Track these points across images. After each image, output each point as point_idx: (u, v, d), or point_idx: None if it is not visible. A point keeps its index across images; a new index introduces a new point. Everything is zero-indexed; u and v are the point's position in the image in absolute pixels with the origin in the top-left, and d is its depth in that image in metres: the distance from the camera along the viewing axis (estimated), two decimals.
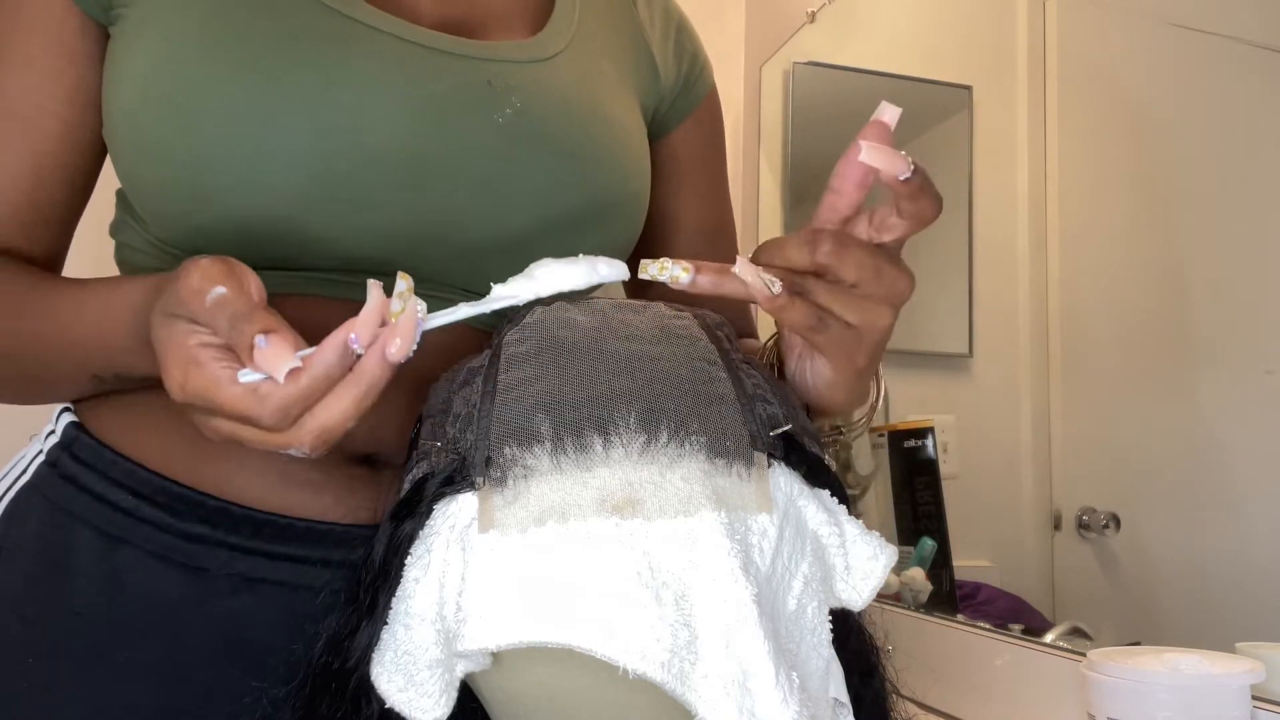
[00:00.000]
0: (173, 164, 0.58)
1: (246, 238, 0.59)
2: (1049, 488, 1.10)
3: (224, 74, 0.57)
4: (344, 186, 0.58)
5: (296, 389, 0.44)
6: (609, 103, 0.70)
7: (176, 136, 0.57)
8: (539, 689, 0.45)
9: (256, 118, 0.57)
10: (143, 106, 0.58)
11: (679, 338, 0.49)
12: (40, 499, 0.61)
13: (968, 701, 0.97)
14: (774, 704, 0.40)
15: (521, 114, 0.63)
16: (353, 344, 0.44)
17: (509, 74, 0.64)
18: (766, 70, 1.68)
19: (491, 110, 0.62)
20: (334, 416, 0.45)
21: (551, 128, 0.64)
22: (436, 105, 0.61)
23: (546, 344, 0.47)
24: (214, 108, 0.57)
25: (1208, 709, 0.62)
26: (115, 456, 0.61)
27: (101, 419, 0.63)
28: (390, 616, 0.46)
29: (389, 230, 0.60)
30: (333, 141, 0.58)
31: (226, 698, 0.56)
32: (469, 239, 0.62)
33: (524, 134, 0.63)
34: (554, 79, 0.66)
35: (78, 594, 0.58)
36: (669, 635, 0.40)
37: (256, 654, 0.57)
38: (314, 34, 0.60)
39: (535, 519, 0.42)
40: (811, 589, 0.46)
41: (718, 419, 0.45)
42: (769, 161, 1.66)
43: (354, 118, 0.58)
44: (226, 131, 0.57)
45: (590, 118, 0.67)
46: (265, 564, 0.59)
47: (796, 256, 0.50)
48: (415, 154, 0.60)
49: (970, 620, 1.07)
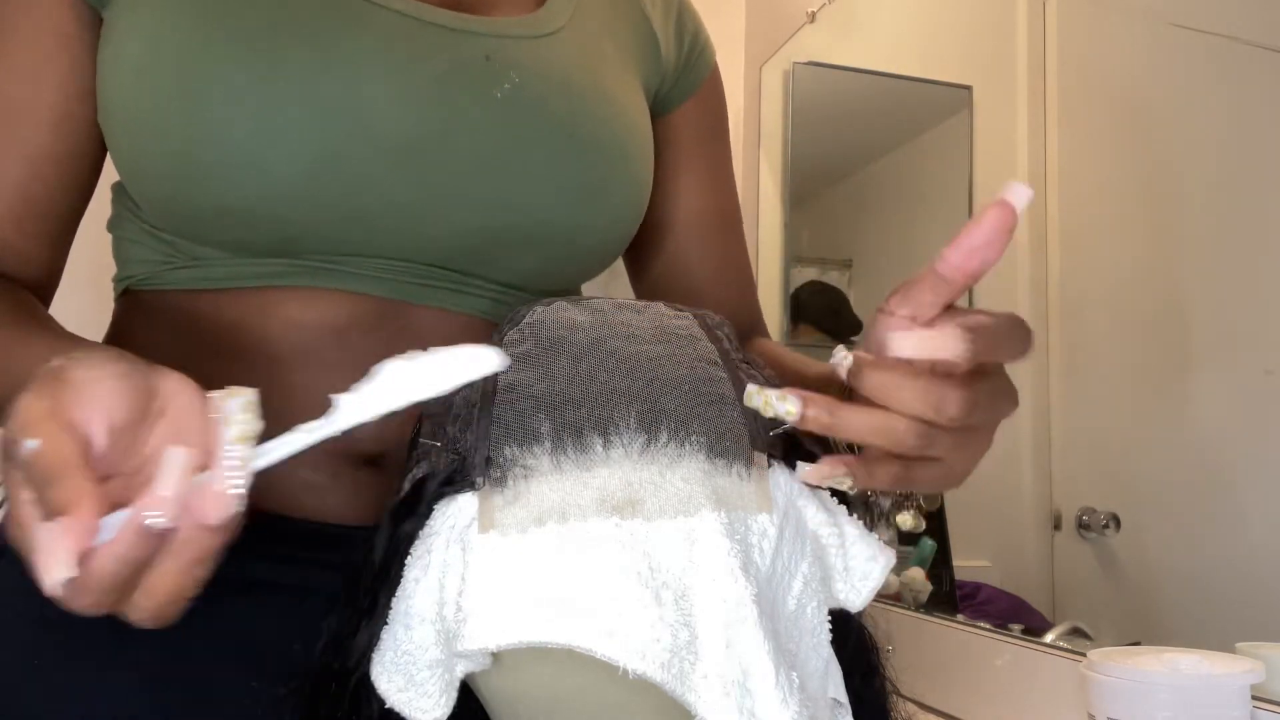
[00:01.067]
0: (170, 143, 0.57)
1: (244, 220, 0.58)
2: (1049, 488, 1.10)
3: (221, 52, 0.56)
4: (343, 165, 0.58)
5: (98, 589, 0.38)
6: (610, 81, 0.68)
7: (174, 115, 0.56)
8: (539, 689, 0.45)
9: (254, 96, 0.56)
10: (139, 85, 0.57)
11: (679, 338, 0.49)
12: None
13: (968, 701, 0.97)
14: (774, 704, 0.40)
15: (520, 89, 0.62)
16: (148, 522, 0.37)
17: (508, 49, 0.63)
18: (766, 70, 1.68)
19: (490, 86, 0.61)
20: (165, 594, 0.39)
21: (551, 104, 0.63)
22: (435, 81, 0.60)
23: (546, 344, 0.47)
24: (211, 86, 0.56)
25: (1208, 709, 0.62)
26: None
27: None
28: (390, 616, 0.46)
29: (389, 210, 0.59)
30: (331, 120, 0.57)
31: (231, 702, 0.55)
32: (470, 218, 0.61)
33: (523, 110, 0.62)
34: (554, 56, 0.65)
35: None
36: (669, 635, 0.40)
37: (261, 657, 0.57)
38: (312, 11, 0.59)
39: (535, 519, 0.42)
40: (811, 589, 0.46)
41: (718, 419, 0.45)
42: (769, 161, 1.66)
43: (353, 96, 0.58)
44: (224, 110, 0.56)
45: (591, 95, 0.65)
46: (271, 567, 0.59)
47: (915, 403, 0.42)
48: (414, 131, 0.59)
49: (970, 620, 1.07)
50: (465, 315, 0.64)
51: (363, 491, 0.60)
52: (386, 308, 0.61)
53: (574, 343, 0.47)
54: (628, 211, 0.68)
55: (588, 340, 0.47)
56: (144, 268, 0.64)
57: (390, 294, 0.61)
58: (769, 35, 1.67)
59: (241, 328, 0.60)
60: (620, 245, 0.70)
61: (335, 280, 0.61)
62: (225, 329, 0.61)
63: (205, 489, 0.38)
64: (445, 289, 0.63)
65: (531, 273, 0.66)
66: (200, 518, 0.38)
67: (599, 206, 0.65)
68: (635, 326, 0.49)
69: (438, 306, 0.63)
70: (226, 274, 0.61)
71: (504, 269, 0.64)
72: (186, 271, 0.62)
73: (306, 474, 0.59)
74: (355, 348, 0.60)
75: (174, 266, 0.62)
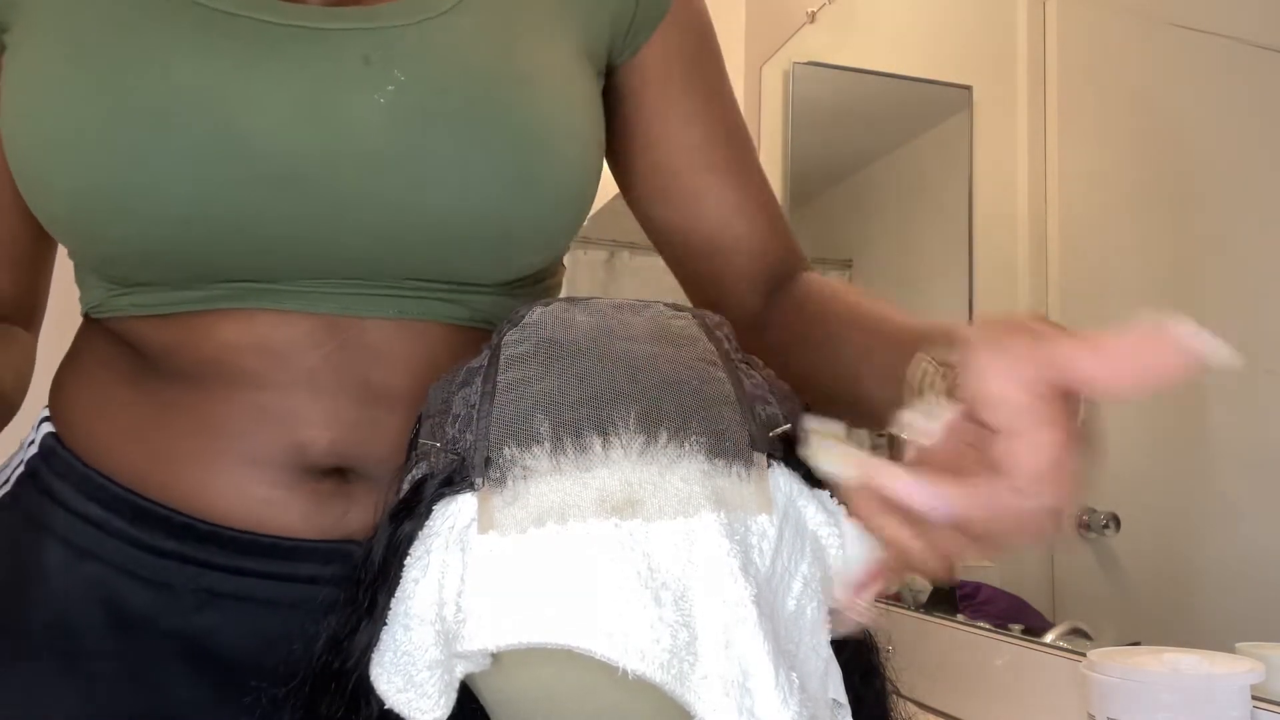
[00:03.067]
0: (53, 200, 0.55)
1: (150, 261, 0.57)
2: None
3: (74, 93, 0.53)
4: (227, 197, 0.54)
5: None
6: (522, 58, 0.60)
7: (51, 172, 0.54)
8: (538, 689, 0.45)
9: (116, 139, 0.53)
10: (18, 135, 0.55)
11: (679, 338, 0.49)
12: (18, 511, 0.61)
13: (968, 701, 0.97)
14: (774, 704, 0.40)
15: (408, 88, 0.55)
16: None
17: (390, 44, 0.56)
18: (766, 70, 1.68)
19: (371, 92, 0.55)
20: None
21: (448, 97, 0.56)
22: (310, 93, 0.54)
23: (546, 344, 0.47)
24: (74, 135, 0.53)
25: (1208, 709, 0.62)
26: (88, 470, 0.60)
27: (77, 430, 0.62)
28: (390, 617, 0.46)
29: (294, 234, 0.56)
30: (204, 158, 0.53)
31: (195, 712, 0.56)
32: (385, 227, 0.57)
33: (413, 111, 0.55)
34: (447, 40, 0.58)
35: (46, 607, 0.58)
36: (668, 636, 0.40)
37: (223, 669, 0.57)
38: (159, 36, 0.54)
39: (535, 519, 0.42)
40: (811, 589, 0.46)
41: (717, 419, 0.45)
42: (769, 161, 1.66)
43: (221, 129, 0.53)
44: (97, 160, 0.53)
45: (496, 78, 0.58)
46: (231, 580, 0.58)
47: None
48: (294, 156, 0.54)
49: (970, 620, 1.07)
50: (419, 321, 0.61)
51: (324, 504, 0.59)
52: (333, 323, 0.59)
53: (573, 343, 0.47)
54: (562, 194, 0.60)
55: (587, 340, 0.47)
56: (94, 295, 0.63)
57: (336, 309, 0.59)
58: (769, 35, 1.67)
59: (189, 351, 0.59)
60: (569, 228, 0.63)
61: (275, 300, 0.58)
62: (173, 352, 0.60)
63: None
64: (390, 296, 0.59)
65: (476, 270, 0.61)
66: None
67: (526, 196, 0.58)
68: (635, 326, 0.49)
69: (388, 316, 0.60)
70: (164, 300, 0.59)
71: (443, 269, 0.60)
72: (128, 298, 0.60)
73: (266, 488, 0.58)
74: (307, 365, 0.59)
75: (116, 294, 0.61)
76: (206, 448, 0.59)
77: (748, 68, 1.72)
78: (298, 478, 0.59)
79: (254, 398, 0.58)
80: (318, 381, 0.59)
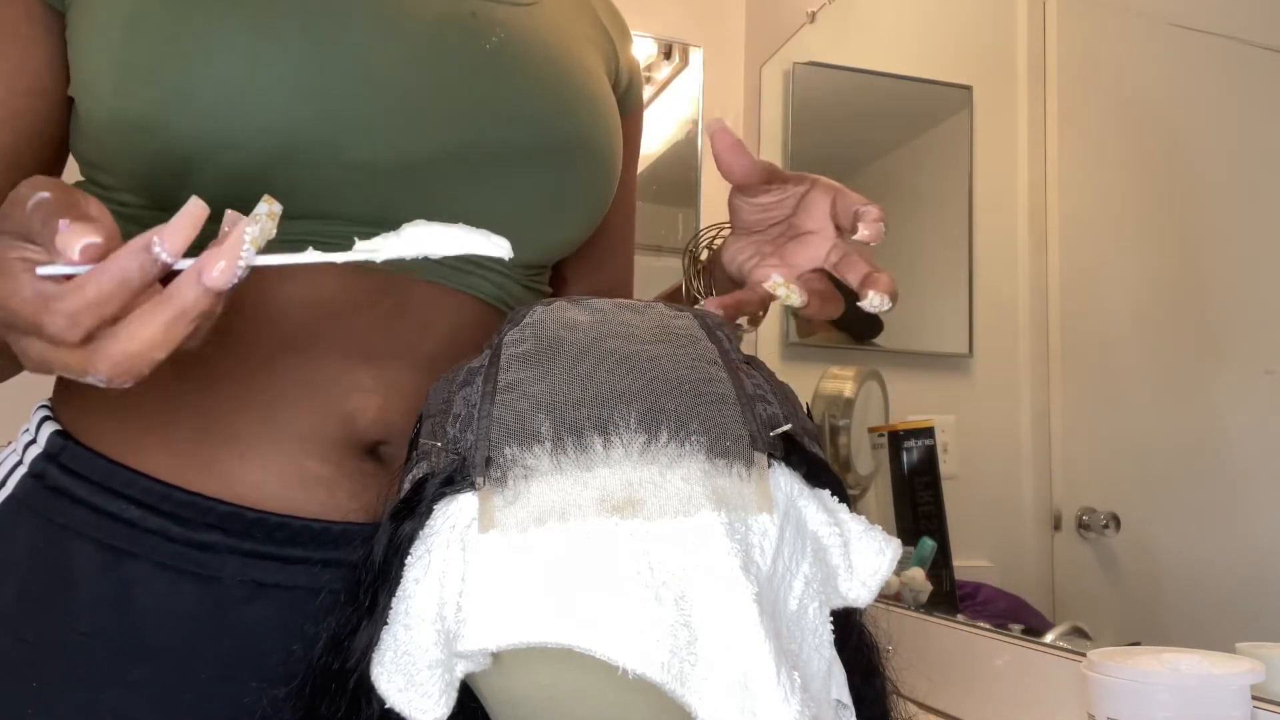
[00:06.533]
0: (162, 87, 0.56)
1: (231, 174, 0.56)
2: (1049, 488, 1.10)
3: (215, 5, 0.57)
4: (335, 104, 0.57)
5: (83, 295, 0.39)
6: (584, 56, 0.72)
7: (167, 58, 0.55)
8: (539, 689, 0.45)
9: (245, 35, 0.56)
10: (131, 36, 0.56)
11: (679, 338, 0.49)
12: (29, 514, 0.58)
13: (968, 701, 0.97)
14: (775, 704, 0.40)
15: (506, 44, 0.64)
16: (155, 248, 0.39)
17: (491, 10, 0.65)
18: (766, 70, 1.68)
19: (478, 38, 0.63)
20: (137, 343, 0.40)
21: (534, 62, 0.66)
22: (425, 27, 0.61)
23: (546, 344, 0.47)
24: (203, 29, 0.56)
25: (1208, 709, 0.62)
26: (112, 465, 0.58)
27: (92, 426, 0.60)
28: (390, 617, 0.46)
29: (387, 156, 0.59)
30: (323, 60, 0.57)
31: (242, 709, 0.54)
32: (473, 165, 0.62)
33: (510, 63, 0.64)
34: (532, 23, 0.68)
35: (83, 613, 0.56)
36: (669, 636, 0.40)
37: (272, 662, 0.55)
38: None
39: (535, 519, 0.42)
40: (813, 589, 0.46)
41: (718, 419, 0.45)
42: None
43: (344, 38, 0.58)
44: (219, 51, 0.56)
45: (568, 62, 0.69)
46: (280, 569, 0.58)
47: None
48: (407, 74, 0.60)
49: (970, 620, 1.07)
50: (466, 294, 0.64)
51: (369, 487, 0.59)
52: (385, 283, 0.60)
53: (574, 343, 0.47)
54: (600, 177, 0.70)
55: (588, 340, 0.47)
56: None
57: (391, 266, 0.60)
58: (769, 35, 1.67)
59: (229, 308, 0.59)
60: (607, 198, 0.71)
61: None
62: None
63: (214, 250, 0.40)
64: (447, 265, 0.63)
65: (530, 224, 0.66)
66: (201, 269, 0.40)
67: (583, 154, 0.67)
68: (635, 326, 0.49)
69: (439, 282, 0.63)
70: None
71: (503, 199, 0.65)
72: None
73: (312, 469, 0.59)
74: (352, 325, 0.59)
75: None
76: (247, 424, 0.58)
77: (748, 68, 1.72)
78: (343, 456, 0.59)
79: (299, 363, 0.58)
80: (371, 344, 0.60)
